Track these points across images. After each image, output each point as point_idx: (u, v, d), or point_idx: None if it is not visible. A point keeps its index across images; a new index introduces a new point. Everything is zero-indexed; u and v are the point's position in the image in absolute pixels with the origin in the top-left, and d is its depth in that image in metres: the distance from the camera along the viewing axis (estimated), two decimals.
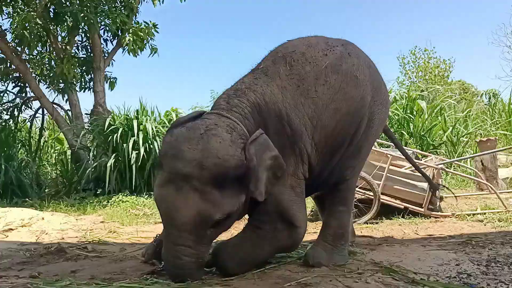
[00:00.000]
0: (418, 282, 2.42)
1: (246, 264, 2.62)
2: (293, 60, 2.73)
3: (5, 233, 4.49)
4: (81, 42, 10.22)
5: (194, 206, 2.18)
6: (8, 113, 9.92)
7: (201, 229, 2.25)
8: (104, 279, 2.54)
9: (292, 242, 2.72)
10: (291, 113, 2.60)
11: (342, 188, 3.02)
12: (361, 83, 2.83)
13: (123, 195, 7.11)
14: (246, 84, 2.67)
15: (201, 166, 2.17)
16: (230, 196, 2.28)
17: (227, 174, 2.22)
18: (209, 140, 2.22)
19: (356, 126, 2.86)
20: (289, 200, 2.62)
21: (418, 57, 19.15)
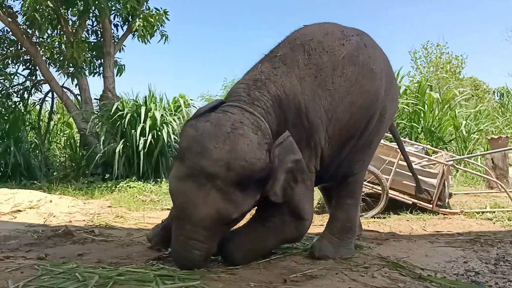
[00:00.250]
0: (425, 278, 2.41)
1: (251, 255, 2.63)
2: (311, 49, 2.67)
3: (13, 214, 4.53)
4: (91, 26, 10.21)
5: (214, 205, 2.18)
6: (18, 95, 9.96)
7: (217, 227, 2.26)
8: (110, 263, 2.55)
9: (298, 234, 2.73)
10: (309, 106, 2.56)
11: (351, 181, 2.99)
12: (377, 76, 2.79)
13: (131, 181, 7.15)
14: (265, 74, 2.59)
15: (228, 168, 2.15)
16: (250, 196, 2.29)
17: (252, 177, 2.23)
18: (237, 141, 2.19)
19: (367, 119, 2.82)
20: (299, 192, 2.59)
21: (430, 52, 18.94)
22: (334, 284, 2.28)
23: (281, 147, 2.33)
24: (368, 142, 2.95)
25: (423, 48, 19.04)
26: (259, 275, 2.39)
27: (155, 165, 7.81)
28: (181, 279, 2.09)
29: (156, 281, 2.00)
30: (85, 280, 1.97)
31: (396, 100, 3.15)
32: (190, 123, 2.35)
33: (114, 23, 10.07)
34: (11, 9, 9.10)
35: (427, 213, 4.58)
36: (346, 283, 2.30)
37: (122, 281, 1.99)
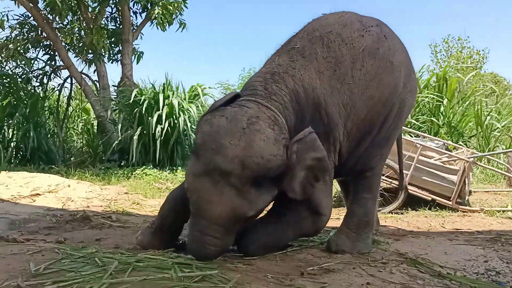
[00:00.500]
0: (445, 276, 2.37)
1: (267, 248, 2.62)
2: (330, 41, 2.60)
3: (33, 198, 4.60)
4: (111, 13, 10.24)
5: (229, 203, 2.16)
6: (37, 80, 10.08)
7: (232, 224, 2.25)
8: (128, 249, 2.57)
9: (315, 229, 2.72)
10: (328, 100, 2.52)
11: (368, 176, 2.94)
12: (396, 69, 2.73)
13: (147, 168, 7.19)
14: (283, 67, 2.54)
15: (242, 165, 2.11)
16: (266, 193, 2.26)
17: (268, 174, 2.19)
18: (253, 138, 2.14)
19: (386, 114, 2.77)
20: (318, 187, 2.54)
21: (451, 46, 18.62)
22: (352, 278, 2.26)
23: (301, 143, 2.28)
24: (387, 137, 2.90)
25: (444, 41, 18.75)
26: (276, 267, 2.39)
27: (171, 153, 7.84)
28: (199, 268, 2.09)
29: (175, 269, 2.00)
30: (104, 265, 1.98)
31: (414, 92, 3.07)
32: (206, 119, 2.31)
33: (133, 10, 10.11)
34: None
35: (446, 210, 4.51)
36: (363, 278, 2.28)
37: (141, 268, 2.00)
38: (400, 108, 2.86)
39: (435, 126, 7.85)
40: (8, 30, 9.60)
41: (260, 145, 2.13)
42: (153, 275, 1.90)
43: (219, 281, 1.93)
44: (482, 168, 6.43)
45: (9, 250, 2.26)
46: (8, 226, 3.29)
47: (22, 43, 9.39)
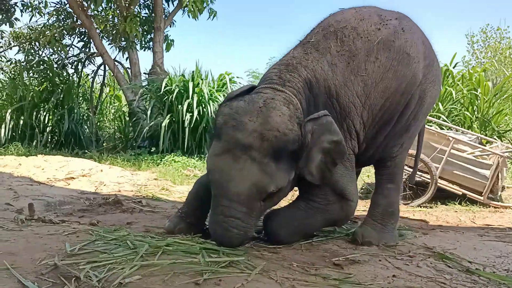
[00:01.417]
0: (473, 271, 2.34)
1: (297, 234, 2.66)
2: (344, 36, 2.68)
3: (67, 181, 4.77)
4: (144, 1, 10.36)
5: (250, 176, 2.22)
6: (72, 67, 10.35)
7: (253, 201, 2.28)
8: (158, 233, 2.65)
9: (344, 216, 2.73)
10: (340, 91, 2.60)
11: (390, 165, 2.96)
12: (413, 61, 2.74)
13: (176, 155, 7.31)
14: (297, 59, 2.63)
15: (262, 138, 2.21)
16: (284, 170, 2.31)
17: (285, 148, 2.26)
18: (269, 113, 2.26)
19: (404, 104, 2.79)
20: (339, 173, 2.62)
21: (489, 36, 17.90)
22: (377, 270, 2.25)
23: (317, 124, 2.37)
24: (406, 126, 2.90)
25: (482, 31, 18.04)
26: (301, 256, 2.41)
27: (199, 141, 7.93)
28: (226, 254, 2.14)
29: (202, 254, 2.05)
30: (135, 247, 2.05)
31: (437, 83, 3.04)
32: (225, 103, 2.44)
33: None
34: None
35: (477, 205, 4.41)
36: (389, 270, 2.27)
37: (170, 251, 2.06)
38: (421, 98, 2.87)
39: (468, 120, 7.62)
40: (46, 17, 9.88)
41: (276, 120, 2.25)
42: (182, 259, 1.96)
43: (245, 267, 1.97)
44: None
45: (46, 230, 2.37)
46: (45, 208, 3.43)
47: (58, 30, 9.64)
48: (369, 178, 5.48)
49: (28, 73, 9.64)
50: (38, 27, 9.96)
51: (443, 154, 4.43)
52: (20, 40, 10.19)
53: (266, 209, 2.55)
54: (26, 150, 7.42)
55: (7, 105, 8.61)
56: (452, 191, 4.49)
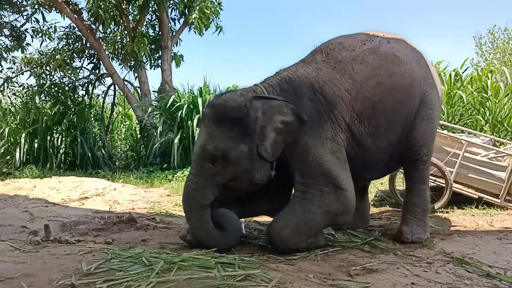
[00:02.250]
0: (494, 276, 2.30)
1: (300, 231, 2.68)
2: (329, 49, 2.99)
3: (82, 201, 4.82)
4: (150, 21, 10.52)
5: (200, 139, 2.70)
6: (83, 88, 10.51)
7: (200, 161, 2.65)
8: (173, 249, 2.66)
9: (343, 207, 2.74)
10: (324, 86, 2.83)
11: (422, 168, 3.17)
12: (404, 62, 2.97)
13: (187, 171, 7.30)
14: (285, 68, 3.01)
15: (211, 107, 2.72)
16: (227, 136, 2.60)
17: (226, 114, 2.63)
18: (225, 94, 2.81)
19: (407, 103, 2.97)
20: (331, 162, 2.72)
21: (497, 37, 17.75)
22: (396, 278, 2.23)
23: (267, 104, 2.66)
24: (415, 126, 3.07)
25: (489, 33, 17.90)
26: (318, 267, 2.40)
27: None
28: (241, 267, 2.13)
29: (218, 268, 2.05)
30: (151, 264, 2.06)
31: (437, 88, 3.22)
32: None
33: (171, 17, 10.34)
34: (77, 6, 9.60)
35: (495, 208, 4.32)
36: (408, 278, 2.25)
37: (186, 267, 2.07)
38: (424, 100, 3.06)
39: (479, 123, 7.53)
40: (56, 41, 10.09)
41: (227, 95, 2.78)
42: (198, 274, 1.96)
43: (261, 281, 1.96)
44: None
45: (62, 250, 2.39)
46: (60, 228, 3.46)
47: (68, 53, 9.82)
48: (382, 185, 5.43)
49: (40, 97, 9.81)
50: (49, 51, 10.15)
51: (457, 157, 4.37)
52: (32, 65, 10.40)
53: (226, 180, 2.66)
54: (40, 172, 7.52)
55: (21, 129, 8.75)
56: (468, 195, 4.42)
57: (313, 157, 2.69)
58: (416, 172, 3.17)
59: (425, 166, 3.19)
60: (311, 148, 2.71)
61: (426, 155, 3.15)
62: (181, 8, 9.47)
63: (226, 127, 2.61)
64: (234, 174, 2.64)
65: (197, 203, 2.64)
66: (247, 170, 2.65)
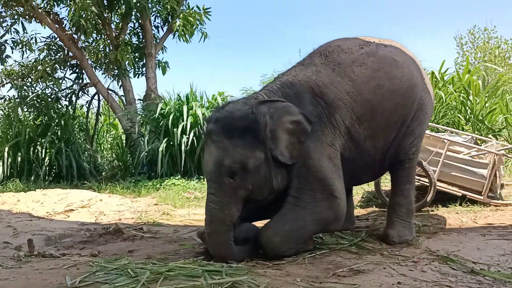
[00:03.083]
0: (478, 272, 2.34)
1: (291, 238, 2.66)
2: (328, 52, 2.99)
3: (67, 214, 4.76)
4: (133, 28, 10.47)
5: (212, 155, 2.57)
6: (66, 99, 10.39)
7: (219, 177, 2.54)
8: (160, 259, 2.64)
9: (335, 215, 2.73)
10: (324, 90, 2.81)
11: (408, 167, 3.20)
12: (403, 65, 3.01)
13: (175, 179, 7.30)
14: (283, 73, 3.02)
15: (216, 121, 2.61)
16: (241, 146, 2.53)
17: (234, 125, 2.55)
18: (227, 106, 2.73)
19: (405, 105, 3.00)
20: (328, 169, 2.71)
21: (477, 37, 18.09)
22: (382, 278, 2.25)
23: (273, 107, 2.64)
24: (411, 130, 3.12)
25: (470, 33, 18.23)
26: (305, 270, 2.41)
27: (198, 163, 7.93)
28: (229, 274, 2.13)
29: (205, 277, 2.05)
30: (137, 275, 2.04)
31: (430, 94, 3.29)
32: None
33: (155, 24, 10.31)
34: (58, 16, 9.52)
35: (478, 205, 4.39)
36: (394, 277, 2.27)
37: (172, 277, 2.05)
38: (421, 103, 3.12)
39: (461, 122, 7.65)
40: (37, 52, 9.97)
41: (230, 106, 2.70)
42: (184, 283, 1.96)
43: (248, 287, 1.96)
44: None
45: (46, 265, 2.36)
46: (45, 242, 3.41)
47: (50, 64, 9.72)
48: (368, 186, 5.47)
49: (22, 108, 9.67)
50: (30, 62, 10.02)
51: (440, 156, 4.44)
52: (12, 77, 10.25)
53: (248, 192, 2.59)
54: (24, 185, 7.40)
55: (3, 143, 8.61)
56: (452, 192, 4.48)
57: (313, 161, 2.68)
58: (403, 171, 3.20)
59: (412, 165, 3.23)
60: (312, 151, 2.69)
61: (414, 154, 3.20)
62: (164, 15, 9.44)
63: (237, 138, 2.53)
64: (255, 183, 2.59)
65: (225, 224, 2.53)
66: (266, 177, 2.61)
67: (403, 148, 3.13)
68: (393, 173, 3.30)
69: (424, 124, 3.27)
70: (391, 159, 3.16)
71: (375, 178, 3.81)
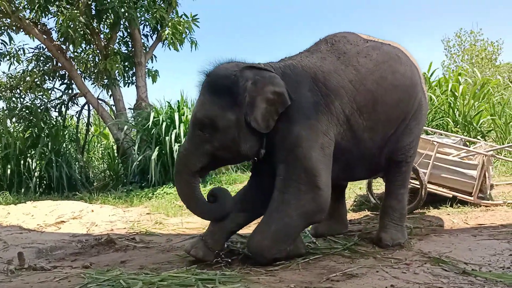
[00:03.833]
0: (470, 272, 2.36)
1: (279, 238, 2.65)
2: (334, 41, 3.01)
3: (58, 225, 4.71)
4: (122, 38, 10.45)
5: (195, 106, 2.79)
6: (56, 110, 10.32)
7: (191, 127, 2.74)
8: (152, 269, 2.63)
9: (317, 207, 2.68)
10: (327, 76, 2.81)
11: (404, 170, 3.22)
12: (406, 63, 3.04)
13: (167, 187, 7.26)
14: (290, 56, 3.01)
15: (206, 75, 2.78)
16: (218, 104, 2.64)
17: (217, 82, 2.70)
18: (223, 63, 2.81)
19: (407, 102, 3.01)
20: (317, 158, 2.67)
21: (464, 39, 18.35)
22: (375, 282, 2.26)
23: (259, 75, 2.66)
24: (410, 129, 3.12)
25: (456, 36, 18.50)
26: (299, 276, 2.41)
27: None
28: (222, 283, 2.13)
29: (198, 285, 2.04)
30: (129, 286, 2.03)
31: (427, 97, 3.34)
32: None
33: (144, 33, 10.29)
34: (45, 26, 9.46)
35: (469, 206, 4.42)
36: (387, 280, 2.28)
37: (165, 286, 2.05)
38: (420, 104, 3.14)
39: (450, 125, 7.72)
40: (25, 63, 9.90)
41: (224, 64, 2.80)
42: None
43: None
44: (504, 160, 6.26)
45: (37, 278, 2.34)
46: (36, 255, 3.37)
47: (39, 74, 9.65)
48: (360, 190, 5.49)
49: (11, 120, 9.58)
50: (18, 74, 9.95)
51: (429, 159, 4.48)
52: (0, 89, 10.16)
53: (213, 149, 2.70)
54: (15, 198, 7.32)
55: None
56: (442, 194, 4.51)
57: (302, 150, 2.64)
58: (399, 175, 3.21)
59: (408, 169, 3.26)
60: (302, 140, 2.65)
61: (411, 157, 3.22)
62: (153, 24, 9.43)
63: (217, 95, 2.66)
64: (222, 143, 2.69)
65: (187, 169, 2.73)
66: (234, 140, 2.68)
67: (401, 147, 3.11)
68: (389, 176, 3.27)
69: (421, 125, 3.29)
70: (388, 157, 3.12)
71: (367, 175, 3.72)
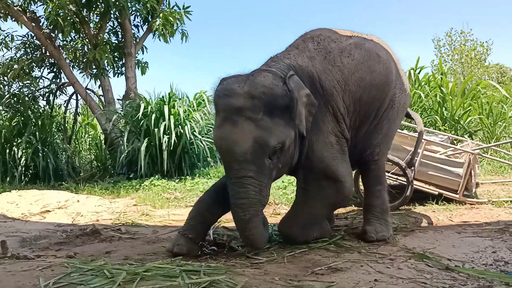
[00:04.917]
0: (453, 269, 2.39)
1: (308, 226, 2.91)
2: (320, 39, 3.03)
3: (43, 215, 4.66)
4: (112, 28, 10.32)
5: (251, 134, 2.36)
6: (44, 98, 10.18)
7: (260, 158, 2.40)
8: (137, 260, 2.61)
9: (342, 196, 2.91)
10: (321, 76, 2.85)
11: (374, 169, 3.28)
12: (384, 61, 3.08)
13: (155, 179, 7.23)
14: (280, 55, 2.93)
15: (251, 97, 2.41)
16: (282, 125, 2.46)
17: (275, 102, 2.44)
18: (255, 78, 2.51)
19: (380, 101, 3.08)
20: (331, 157, 2.81)
21: (454, 39, 18.50)
22: (359, 276, 2.28)
23: (293, 81, 2.56)
24: (381, 126, 3.18)
25: (447, 35, 18.64)
26: (284, 269, 2.42)
27: (179, 163, 7.87)
28: (207, 274, 2.12)
29: (182, 276, 2.03)
30: (113, 276, 2.02)
31: (405, 92, 3.36)
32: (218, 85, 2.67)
33: (134, 23, 10.17)
34: (34, 14, 9.30)
35: (454, 203, 4.48)
36: (371, 275, 2.30)
37: (149, 277, 2.04)
38: (392, 101, 3.18)
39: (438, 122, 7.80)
40: (13, 50, 9.75)
41: (261, 80, 2.49)
42: (161, 283, 1.94)
43: (226, 286, 1.96)
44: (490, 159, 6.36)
45: (20, 267, 2.31)
46: (20, 244, 3.33)
47: (27, 62, 9.51)
48: None
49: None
50: (6, 61, 9.79)
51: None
52: None
53: (277, 171, 2.59)
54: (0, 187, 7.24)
55: None
56: (429, 191, 4.56)
57: (314, 153, 2.76)
58: (370, 172, 3.30)
59: (378, 167, 3.29)
60: (314, 143, 2.77)
61: (378, 155, 3.24)
62: (144, 14, 9.32)
63: (277, 115, 2.44)
64: (284, 162, 2.60)
65: (262, 206, 2.50)
66: (291, 154, 2.65)
67: (369, 145, 3.18)
68: (363, 175, 3.42)
69: (394, 124, 3.32)
70: (359, 154, 3.20)
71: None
